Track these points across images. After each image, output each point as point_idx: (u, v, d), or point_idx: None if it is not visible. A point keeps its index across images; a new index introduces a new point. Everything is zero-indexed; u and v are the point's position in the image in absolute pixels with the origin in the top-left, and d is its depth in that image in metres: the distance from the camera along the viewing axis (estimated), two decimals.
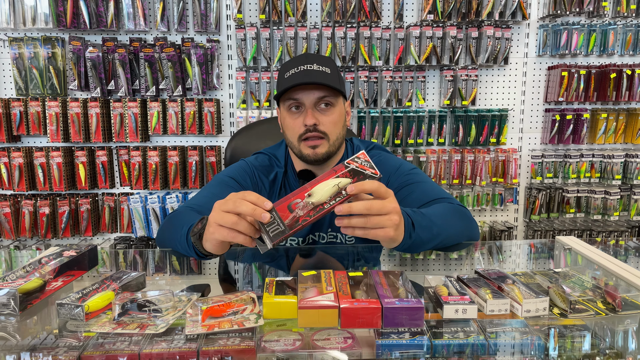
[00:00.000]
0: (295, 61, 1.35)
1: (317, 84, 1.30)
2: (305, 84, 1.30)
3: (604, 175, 2.97)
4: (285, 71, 1.35)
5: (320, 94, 1.32)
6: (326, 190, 0.85)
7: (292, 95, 1.33)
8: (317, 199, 0.85)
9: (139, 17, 2.68)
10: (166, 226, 1.29)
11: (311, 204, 0.85)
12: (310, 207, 0.85)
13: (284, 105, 1.37)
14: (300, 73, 1.31)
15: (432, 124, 2.88)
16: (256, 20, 2.79)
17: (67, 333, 0.80)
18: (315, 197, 0.85)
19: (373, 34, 2.74)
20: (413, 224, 1.05)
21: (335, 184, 0.85)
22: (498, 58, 2.81)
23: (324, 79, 1.30)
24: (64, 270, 1.01)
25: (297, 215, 0.85)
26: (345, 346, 0.75)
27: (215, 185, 1.40)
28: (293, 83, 1.29)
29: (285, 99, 1.35)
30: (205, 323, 0.79)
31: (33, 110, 2.69)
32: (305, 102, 1.33)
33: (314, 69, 1.31)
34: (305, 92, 1.32)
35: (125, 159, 2.78)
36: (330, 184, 0.85)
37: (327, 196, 0.85)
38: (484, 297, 0.85)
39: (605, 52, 2.88)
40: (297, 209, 0.85)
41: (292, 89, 1.32)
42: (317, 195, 0.85)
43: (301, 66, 1.32)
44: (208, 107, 2.76)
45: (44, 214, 2.74)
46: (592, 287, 0.94)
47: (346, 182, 0.86)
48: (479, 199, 2.95)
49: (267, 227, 0.84)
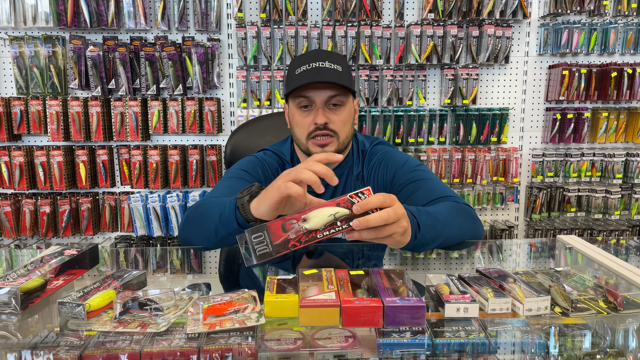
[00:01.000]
0: (306, 57, 1.33)
1: (328, 83, 1.29)
2: (317, 83, 1.28)
3: (604, 174, 2.96)
4: (296, 67, 1.33)
5: (331, 92, 1.31)
6: (321, 217, 0.83)
7: (303, 93, 1.31)
8: (310, 225, 0.83)
9: (139, 16, 2.68)
10: (192, 215, 1.25)
11: (304, 228, 0.83)
12: (303, 232, 0.83)
13: (293, 102, 1.35)
14: (312, 70, 1.29)
15: (433, 123, 2.88)
16: (257, 19, 2.79)
17: (69, 332, 0.80)
18: (310, 223, 0.83)
19: (374, 32, 2.73)
20: (419, 224, 1.05)
21: (332, 214, 0.83)
22: (499, 57, 2.81)
23: (336, 78, 1.28)
24: (65, 269, 1.01)
25: (288, 237, 0.83)
26: (346, 345, 0.75)
27: (230, 178, 1.38)
28: (305, 81, 1.27)
29: (295, 95, 1.33)
30: (207, 322, 0.79)
31: (34, 109, 2.69)
32: (316, 100, 1.31)
33: (325, 66, 1.29)
34: (317, 91, 1.30)
35: (126, 157, 2.78)
36: (326, 212, 0.83)
37: (321, 224, 0.83)
38: (485, 295, 0.85)
39: (606, 51, 2.88)
40: (290, 230, 0.83)
41: (302, 86, 1.30)
42: (312, 222, 0.83)
43: (313, 63, 1.30)
44: (209, 106, 2.76)
45: (45, 213, 2.74)
46: (594, 286, 0.94)
47: (343, 213, 0.83)
48: (480, 198, 2.95)
49: (255, 244, 0.83)
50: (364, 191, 0.85)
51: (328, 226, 0.83)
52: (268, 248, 0.82)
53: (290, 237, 0.83)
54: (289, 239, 0.83)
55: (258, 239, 0.83)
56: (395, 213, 0.86)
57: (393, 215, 0.85)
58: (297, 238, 0.83)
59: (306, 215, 0.83)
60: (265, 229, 0.83)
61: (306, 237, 0.83)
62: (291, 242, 0.83)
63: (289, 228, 0.83)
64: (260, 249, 0.83)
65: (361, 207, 0.83)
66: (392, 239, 0.89)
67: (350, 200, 0.84)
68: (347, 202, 0.84)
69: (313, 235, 0.83)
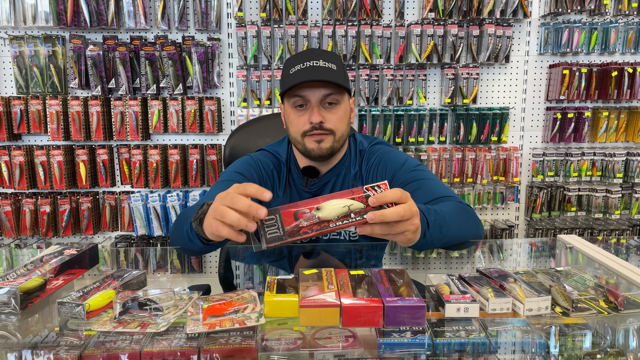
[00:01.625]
0: (300, 56, 1.33)
1: (323, 82, 1.29)
2: (312, 81, 1.28)
3: (605, 173, 2.96)
4: (291, 67, 1.33)
5: (326, 91, 1.31)
6: (335, 208, 0.82)
7: (298, 92, 1.31)
8: (324, 215, 0.82)
9: (139, 16, 2.68)
10: (176, 223, 1.28)
11: (317, 217, 0.82)
12: (315, 221, 0.82)
13: (288, 102, 1.35)
14: (307, 69, 1.29)
15: (433, 123, 2.88)
16: (257, 19, 2.79)
17: (68, 332, 0.79)
18: (323, 213, 0.82)
19: (374, 32, 2.73)
20: (428, 223, 1.05)
21: (347, 205, 0.82)
22: (499, 56, 2.81)
23: (330, 76, 1.28)
24: (65, 268, 1.01)
25: (300, 225, 0.82)
26: (346, 345, 0.75)
27: (223, 182, 1.38)
28: (299, 80, 1.27)
29: (290, 95, 1.33)
30: (207, 322, 0.79)
31: (34, 108, 2.68)
32: (311, 99, 1.31)
33: (320, 65, 1.29)
34: (311, 89, 1.30)
35: (126, 157, 2.78)
36: (341, 204, 0.82)
37: (335, 214, 0.82)
38: (486, 295, 0.85)
39: (606, 50, 2.87)
40: (303, 219, 0.82)
41: (297, 85, 1.30)
42: (326, 211, 0.82)
43: (307, 62, 1.30)
44: (209, 106, 2.75)
45: (45, 213, 2.74)
46: (594, 285, 0.94)
47: (358, 206, 0.82)
48: (480, 198, 2.95)
49: (267, 227, 0.82)
50: (380, 185, 0.84)
51: (341, 217, 0.82)
52: (279, 232, 0.82)
53: (302, 224, 0.82)
54: (300, 226, 0.82)
55: (270, 222, 0.82)
56: (410, 210, 0.85)
57: (408, 212, 0.85)
58: (309, 226, 0.82)
59: (320, 205, 0.82)
60: (278, 212, 0.82)
61: (318, 226, 0.82)
62: (303, 230, 0.82)
63: (300, 216, 0.82)
64: (271, 232, 0.82)
65: (377, 200, 0.83)
66: (403, 236, 0.89)
67: (366, 192, 0.83)
68: (362, 195, 0.83)
69: (325, 224, 0.82)
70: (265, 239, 0.82)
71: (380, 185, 0.84)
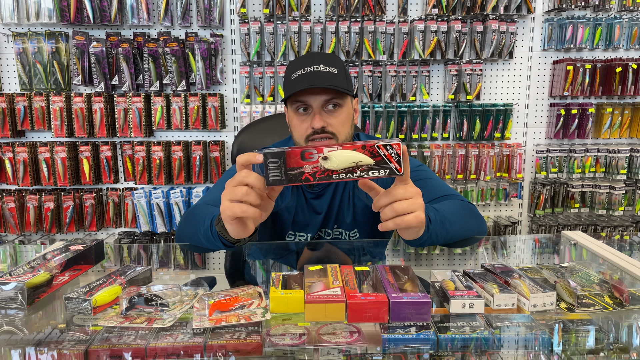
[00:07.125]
0: (301, 61, 1.33)
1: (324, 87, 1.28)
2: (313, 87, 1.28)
3: (608, 170, 2.95)
4: (292, 72, 1.33)
5: (327, 96, 1.30)
6: (344, 161, 0.81)
7: (299, 98, 1.31)
8: (329, 165, 0.81)
9: (142, 12, 2.68)
10: (186, 223, 1.29)
11: (323, 167, 0.82)
12: (319, 168, 0.82)
13: (291, 107, 1.35)
14: (307, 75, 1.28)
15: (437, 119, 2.87)
16: (260, 15, 2.78)
17: (75, 327, 0.80)
18: (329, 163, 0.81)
19: (377, 28, 2.72)
20: (430, 219, 1.05)
21: (355, 161, 0.81)
22: (503, 52, 2.80)
23: (331, 82, 1.28)
24: (71, 264, 1.02)
25: (304, 169, 0.82)
26: (351, 340, 0.75)
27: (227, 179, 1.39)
28: (300, 87, 1.27)
29: (292, 100, 1.33)
30: (212, 317, 0.79)
31: (37, 105, 2.69)
32: (312, 104, 1.31)
33: (320, 70, 1.29)
34: (313, 95, 1.30)
35: (129, 154, 2.78)
36: (350, 158, 0.81)
37: (341, 167, 0.81)
38: (490, 291, 0.85)
39: (610, 46, 2.86)
40: (308, 163, 0.82)
41: (299, 92, 1.30)
42: (333, 163, 0.81)
43: (308, 67, 1.30)
44: (212, 102, 2.75)
45: (49, 209, 2.75)
46: (599, 281, 0.94)
47: (367, 162, 0.82)
48: (483, 194, 2.95)
49: (270, 169, 0.82)
50: (392, 144, 0.82)
51: (346, 170, 0.82)
52: (281, 176, 0.82)
53: (306, 169, 0.82)
54: (304, 171, 0.82)
55: (273, 164, 0.82)
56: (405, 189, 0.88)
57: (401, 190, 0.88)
58: (312, 172, 0.82)
59: (328, 154, 0.81)
60: (282, 156, 0.81)
61: (322, 174, 0.82)
62: (305, 175, 0.82)
63: (307, 157, 0.82)
64: (273, 174, 0.82)
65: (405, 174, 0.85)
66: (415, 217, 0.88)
67: (377, 149, 0.82)
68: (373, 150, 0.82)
69: (329, 174, 0.82)
70: (267, 180, 0.83)
71: (393, 145, 0.82)
